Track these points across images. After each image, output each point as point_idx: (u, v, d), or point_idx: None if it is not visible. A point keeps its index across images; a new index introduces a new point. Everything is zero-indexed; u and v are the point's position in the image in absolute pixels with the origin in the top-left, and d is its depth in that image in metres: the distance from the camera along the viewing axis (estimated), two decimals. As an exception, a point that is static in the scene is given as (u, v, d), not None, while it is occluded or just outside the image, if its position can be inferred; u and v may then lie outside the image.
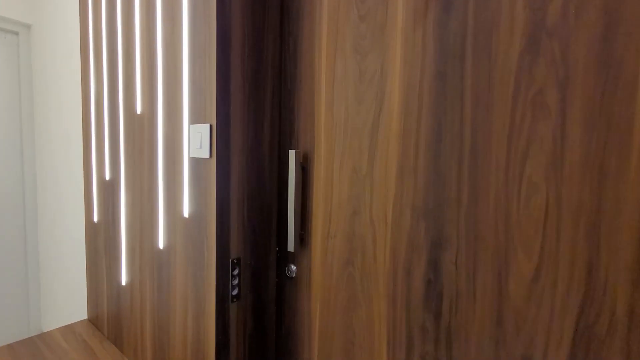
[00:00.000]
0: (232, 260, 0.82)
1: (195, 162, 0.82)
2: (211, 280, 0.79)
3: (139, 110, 1.00)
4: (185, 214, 0.86)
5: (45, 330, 2.21)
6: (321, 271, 0.88)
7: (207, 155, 0.77)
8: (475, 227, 0.61)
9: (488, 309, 0.60)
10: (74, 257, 1.80)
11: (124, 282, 1.12)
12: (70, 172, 1.77)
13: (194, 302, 0.85)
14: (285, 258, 0.97)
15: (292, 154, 0.87)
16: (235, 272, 0.82)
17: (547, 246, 0.54)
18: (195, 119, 0.81)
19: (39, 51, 1.95)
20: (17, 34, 1.97)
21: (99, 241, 1.25)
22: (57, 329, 1.29)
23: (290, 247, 0.90)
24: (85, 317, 1.73)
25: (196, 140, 0.79)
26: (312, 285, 0.90)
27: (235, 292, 0.83)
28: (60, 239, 1.92)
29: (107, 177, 1.18)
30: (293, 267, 0.95)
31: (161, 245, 0.94)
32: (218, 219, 0.77)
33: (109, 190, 1.18)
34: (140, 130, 1.00)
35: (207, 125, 0.77)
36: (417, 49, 0.67)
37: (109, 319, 1.22)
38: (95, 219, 1.26)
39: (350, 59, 0.78)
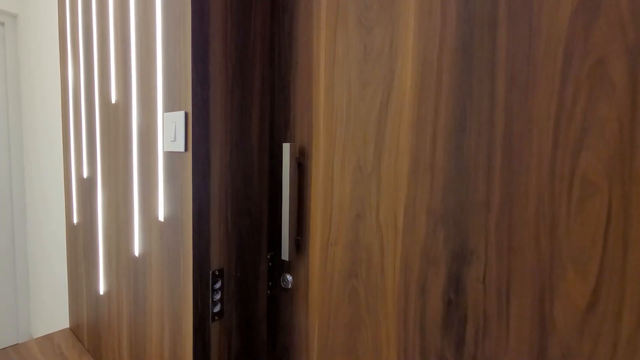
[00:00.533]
0: (213, 272, 0.70)
1: (170, 157, 0.71)
2: (187, 296, 0.67)
3: (113, 99, 0.89)
4: (161, 217, 0.74)
5: (35, 336, 2.11)
6: (320, 283, 0.76)
7: (181, 149, 0.66)
8: (509, 236, 0.49)
9: (526, 341, 0.48)
10: (60, 260, 1.71)
11: (101, 290, 1.01)
12: (54, 169, 1.67)
13: (170, 320, 0.73)
14: (280, 266, 0.85)
15: (286, 147, 0.75)
16: (217, 285, 0.71)
17: (609, 263, 0.42)
18: (169, 106, 0.70)
19: (26, 42, 1.85)
20: (2, 24, 1.87)
21: (79, 245, 1.14)
22: (34, 339, 1.19)
23: (285, 255, 0.78)
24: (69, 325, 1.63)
25: (170, 131, 0.68)
26: (310, 299, 0.78)
27: (217, 308, 0.71)
28: (47, 240, 1.82)
29: (85, 174, 1.07)
30: (289, 277, 0.84)
31: (136, 252, 0.84)
32: (195, 224, 0.66)
33: (87, 189, 1.07)
34: (115, 121, 0.89)
35: (182, 113, 0.65)
36: (435, 16, 0.55)
37: (89, 329, 1.12)
38: (75, 220, 1.16)
39: (354, 34, 0.66)
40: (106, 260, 0.98)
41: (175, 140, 0.67)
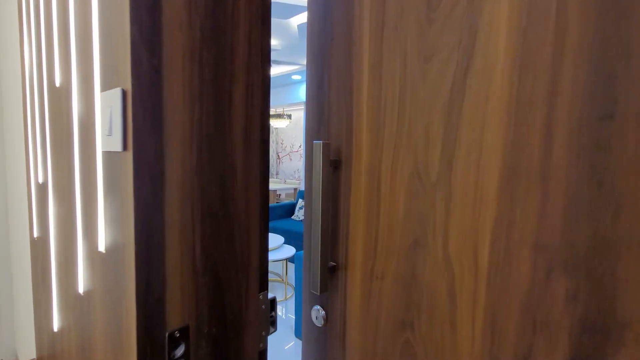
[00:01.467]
0: (172, 334, 0.48)
1: (109, 159, 0.51)
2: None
3: (58, 81, 0.71)
4: (101, 246, 0.54)
5: (20, 354, 1.76)
6: (361, 327, 0.57)
7: (118, 147, 0.45)
8: None
9: None
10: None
11: (55, 327, 0.83)
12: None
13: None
14: (313, 298, 0.67)
15: (317, 147, 0.57)
16: (180, 351, 0.49)
17: None
18: (106, 83, 0.50)
19: (4, 27, 1.75)
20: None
21: (39, 264, 0.98)
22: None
23: (315, 286, 0.60)
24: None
25: (106, 120, 0.48)
26: (348, 344, 0.60)
27: (178, 386, 0.50)
28: (24, 252, 1.54)
29: (40, 179, 0.89)
30: (322, 312, 0.66)
31: (80, 289, 0.64)
32: (140, 261, 0.44)
33: (43, 197, 0.89)
34: (59, 110, 0.71)
35: (117, 92, 0.44)
36: None
37: (50, 367, 0.96)
38: (35, 234, 0.99)
39: (413, -16, 0.46)
40: (58, 290, 0.80)
41: (110, 134, 0.46)
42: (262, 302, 0.64)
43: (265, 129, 0.62)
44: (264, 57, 0.60)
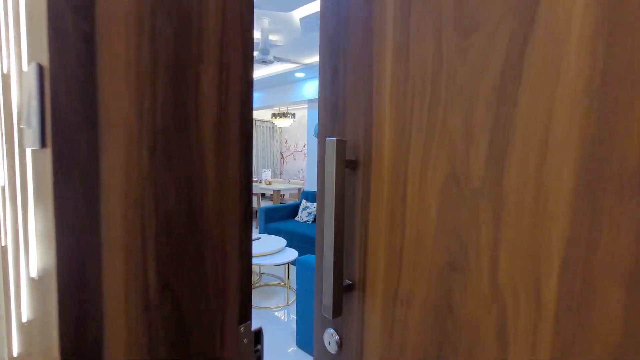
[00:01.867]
0: None
1: (35, 160, 0.40)
2: None
3: (5, 68, 0.60)
4: (33, 270, 0.44)
5: None
6: (382, 357, 0.48)
7: (36, 144, 0.35)
8: None
9: None
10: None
11: (15, 351, 0.72)
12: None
13: None
14: (323, 321, 0.58)
15: (330, 144, 0.48)
16: None
17: None
18: (29, 60, 0.39)
19: None
20: None
21: (6, 275, 0.87)
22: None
23: (327, 309, 0.51)
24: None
25: (25, 107, 0.38)
26: (364, 378, 0.50)
27: None
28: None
29: (1, 181, 0.79)
30: (336, 337, 0.56)
31: (24, 317, 0.54)
32: (65, 293, 0.33)
33: (3, 203, 0.78)
34: (7, 99, 0.60)
35: (32, 68, 0.34)
36: None
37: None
38: (2, 242, 0.88)
39: (452, -62, 0.37)
40: (15, 310, 0.69)
41: (29, 125, 0.36)
42: (243, 336, 0.52)
43: (246, 122, 0.50)
44: (244, 30, 0.48)
